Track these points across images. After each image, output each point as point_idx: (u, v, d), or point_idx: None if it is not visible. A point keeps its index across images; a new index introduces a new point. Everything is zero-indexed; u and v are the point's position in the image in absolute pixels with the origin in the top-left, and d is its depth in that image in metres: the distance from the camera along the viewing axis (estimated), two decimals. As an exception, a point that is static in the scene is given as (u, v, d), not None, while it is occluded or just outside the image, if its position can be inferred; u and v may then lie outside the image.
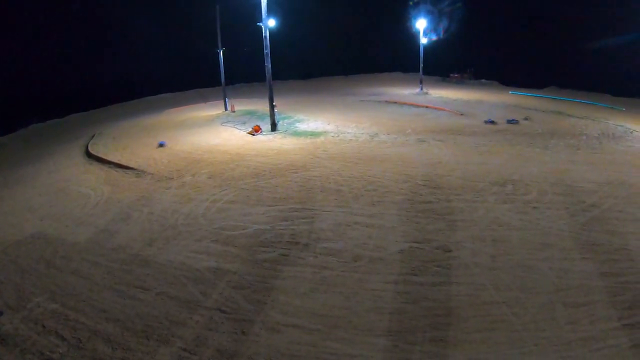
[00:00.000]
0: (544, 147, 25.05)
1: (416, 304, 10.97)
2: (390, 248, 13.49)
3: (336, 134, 28.50)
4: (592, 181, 19.01)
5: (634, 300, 11.04)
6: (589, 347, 9.51)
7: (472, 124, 31.54)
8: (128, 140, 29.98)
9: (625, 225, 15.06)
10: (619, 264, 12.71)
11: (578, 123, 32.78)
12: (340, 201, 16.99)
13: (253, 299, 11.27)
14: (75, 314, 11.06)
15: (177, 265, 13.00)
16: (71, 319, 10.89)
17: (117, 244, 14.70)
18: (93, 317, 10.88)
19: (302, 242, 13.97)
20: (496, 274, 12.17)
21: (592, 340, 9.72)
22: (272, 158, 23.10)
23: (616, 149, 25.38)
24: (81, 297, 11.79)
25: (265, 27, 29.21)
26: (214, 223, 15.57)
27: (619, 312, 10.59)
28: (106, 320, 10.75)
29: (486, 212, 15.92)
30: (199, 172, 21.07)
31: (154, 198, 18.41)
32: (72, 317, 10.95)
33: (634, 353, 9.33)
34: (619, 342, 9.65)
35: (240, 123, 33.86)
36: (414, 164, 21.22)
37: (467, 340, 9.74)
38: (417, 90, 52.65)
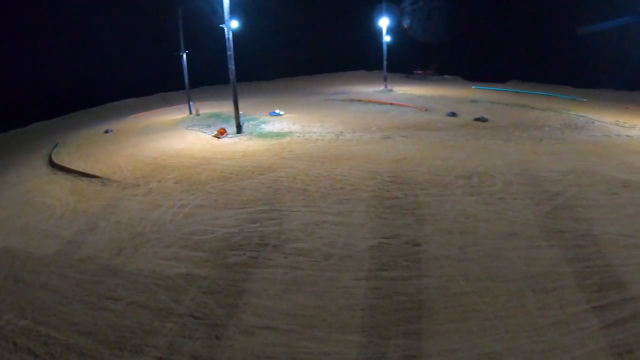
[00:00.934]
0: (507, 139, 25.47)
1: (388, 298, 11.07)
2: (359, 245, 13.58)
3: (302, 134, 28.49)
4: (555, 170, 19.41)
5: (602, 283, 11.39)
6: (560, 331, 9.76)
7: (436, 120, 31.90)
8: (92, 148, 29.50)
9: (589, 211, 15.49)
10: (585, 249, 13.09)
11: (541, 115, 33.43)
12: (308, 201, 17.02)
13: (225, 303, 11.23)
14: (47, 329, 10.86)
15: (147, 273, 12.85)
16: (43, 334, 10.68)
17: (85, 254, 14.46)
18: (65, 332, 10.70)
19: (272, 243, 13.96)
20: (465, 265, 12.37)
21: (563, 324, 9.99)
22: (238, 160, 22.98)
23: (578, 138, 26.00)
24: (51, 311, 11.58)
25: (228, 28, 29.03)
26: (183, 228, 15.45)
27: (588, 296, 10.91)
28: (78, 333, 10.58)
29: (453, 205, 16.13)
30: (166, 178, 20.85)
31: (121, 206, 18.16)
32: (43, 332, 10.75)
33: (605, 334, 9.62)
34: (589, 325, 9.94)
35: (206, 126, 33.58)
36: (380, 161, 21.36)
37: (440, 332, 9.89)
38: (382, 88, 52.98)
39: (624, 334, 9.60)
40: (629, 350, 9.14)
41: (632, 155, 22.14)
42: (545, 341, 9.50)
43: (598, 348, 9.26)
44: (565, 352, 9.19)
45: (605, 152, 22.88)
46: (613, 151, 23.09)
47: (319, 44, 72.82)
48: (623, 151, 23.16)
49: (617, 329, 9.77)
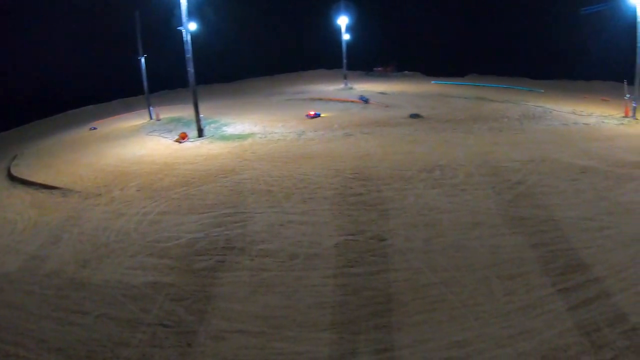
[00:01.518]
0: (467, 131, 25.91)
1: (356, 294, 11.15)
2: (325, 243, 13.65)
3: (264, 135, 28.45)
4: (515, 160, 19.87)
5: (566, 266, 11.73)
6: (527, 315, 9.99)
7: (397, 115, 32.17)
8: (52, 158, 28.91)
9: (550, 198, 15.97)
10: (547, 234, 13.48)
11: (499, 107, 34.14)
12: (272, 202, 17.03)
13: (194, 309, 11.15)
14: (15, 348, 10.55)
15: (114, 284, 12.63)
16: (11, 354, 10.38)
17: (49, 269, 14.10)
18: (34, 350, 10.43)
19: (238, 246, 13.91)
20: (431, 257, 12.57)
21: (530, 308, 10.24)
22: (201, 164, 22.83)
23: (537, 128, 26.65)
24: (18, 329, 11.25)
25: (186, 31, 28.79)
26: (147, 236, 15.25)
27: (553, 279, 11.21)
28: (48, 350, 10.33)
29: (416, 198, 16.34)
30: (128, 186, 20.55)
31: (83, 217, 17.83)
32: (11, 352, 10.44)
33: (571, 315, 9.88)
34: (556, 307, 10.20)
35: (167, 131, 33.19)
36: (343, 158, 21.50)
37: (410, 323, 10.00)
38: (342, 86, 53.22)
39: (591, 313, 9.88)
40: (597, 329, 9.40)
41: (589, 142, 22.80)
42: (513, 326, 9.69)
43: (566, 329, 9.49)
44: (534, 335, 9.39)
45: (564, 140, 23.51)
46: (571, 139, 23.73)
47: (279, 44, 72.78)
48: (580, 139, 23.84)
49: (584, 309, 10.04)
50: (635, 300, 10.30)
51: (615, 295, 10.51)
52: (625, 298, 10.40)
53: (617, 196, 16.17)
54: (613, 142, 23.17)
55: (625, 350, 8.77)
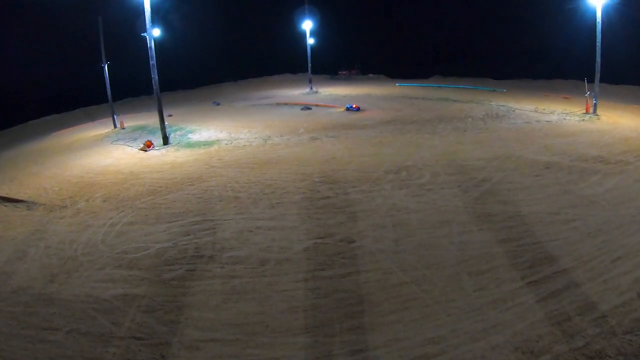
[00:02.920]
0: (432, 132, 26.26)
1: (328, 297, 11.21)
2: (294, 247, 13.69)
3: (229, 141, 28.41)
4: (480, 158, 20.23)
5: (534, 260, 12.05)
6: (499, 309, 10.21)
7: (363, 118, 32.38)
8: (14, 170, 28.33)
9: (515, 194, 16.36)
10: (514, 229, 13.81)
11: (463, 107, 34.65)
12: (240, 208, 17.00)
13: (166, 320, 11.04)
14: (-16, 369, 10.43)
15: (83, 299, 12.40)
16: (-19, 376, 10.26)
17: (16, 285, 13.75)
18: (5, 370, 10.30)
19: (207, 254, 13.83)
20: (401, 257, 12.72)
21: (501, 301, 10.46)
22: (167, 173, 22.66)
23: (500, 126, 27.16)
24: (-14, 349, 11.11)
25: (150, 37, 28.51)
26: (115, 248, 15.03)
27: (522, 272, 11.51)
28: (19, 370, 10.20)
29: (384, 199, 16.51)
30: (93, 197, 20.26)
31: (49, 230, 17.50)
32: (-18, 374, 10.32)
33: (541, 306, 10.15)
34: (526, 300, 10.46)
35: (132, 140, 32.84)
36: (309, 162, 21.61)
37: (383, 323, 10.11)
38: (307, 90, 53.36)
39: (560, 304, 10.16)
40: (567, 318, 9.67)
41: (551, 139, 23.36)
42: (486, 320, 9.89)
43: (537, 320, 9.72)
44: (507, 327, 9.58)
45: (527, 137, 24.05)
46: (534, 136, 24.29)
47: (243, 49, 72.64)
48: (543, 135, 24.42)
49: (553, 300, 10.33)
50: (603, 289, 10.62)
51: (583, 285, 10.82)
52: (593, 287, 10.72)
53: (581, 189, 16.66)
54: (575, 138, 23.79)
55: (596, 337, 9.02)
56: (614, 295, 10.37)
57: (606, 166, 18.83)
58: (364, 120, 31.39)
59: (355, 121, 31.15)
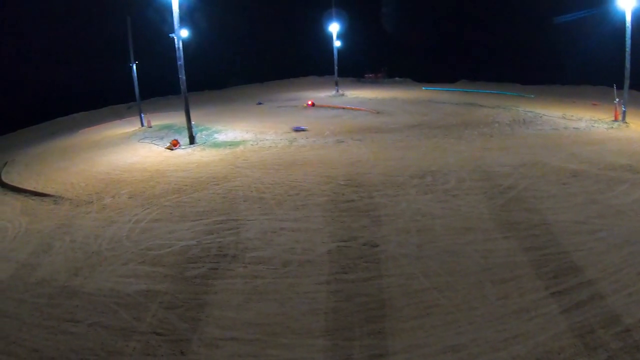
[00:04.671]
0: (459, 137, 26.02)
1: (350, 300, 11.14)
2: (318, 250, 13.64)
3: (255, 142, 28.46)
4: (507, 165, 19.96)
5: (558, 270, 11.78)
6: (521, 319, 10.01)
7: (388, 121, 32.24)
8: (42, 166, 28.77)
9: (541, 202, 16.05)
10: (539, 238, 13.52)
11: (490, 112, 34.28)
12: (264, 209, 17.00)
13: (187, 317, 11.10)
14: (7, 357, 10.47)
15: (106, 293, 12.55)
16: (3, 363, 10.41)
17: (41, 277, 13.99)
18: (26, 359, 10.35)
19: (230, 253, 13.87)
20: (424, 262, 12.56)
21: (524, 311, 10.26)
22: (192, 172, 22.78)
23: (527, 133, 26.80)
24: (10, 338, 11.16)
25: (178, 38, 28.71)
26: (139, 244, 15.18)
27: (546, 282, 11.26)
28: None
29: (408, 204, 16.36)
30: (119, 193, 20.48)
31: (75, 224, 17.74)
32: (4, 361, 10.48)
33: (565, 317, 9.92)
34: (549, 310, 10.23)
35: (158, 138, 33.15)
36: (335, 165, 21.52)
37: (404, 329, 10.00)
38: (333, 92, 53.33)
39: (584, 316, 9.93)
40: (591, 331, 9.45)
41: (579, 147, 22.96)
42: (508, 329, 9.71)
43: (560, 332, 9.52)
44: (529, 338, 9.41)
45: (554, 144, 23.67)
46: (561, 143, 23.91)
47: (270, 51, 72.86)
48: (571, 143, 24.01)
49: (577, 312, 10.09)
50: (628, 302, 10.36)
51: (608, 297, 10.57)
52: (618, 300, 10.46)
53: (608, 199, 16.28)
54: (603, 145, 23.31)
55: (619, 352, 8.82)
56: (638, 308, 10.13)
57: (635, 175, 18.41)
58: (390, 124, 31.25)
59: (381, 125, 31.03)
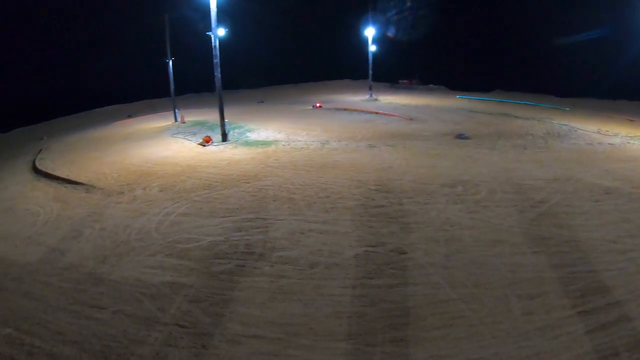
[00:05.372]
0: (491, 148, 25.68)
1: (374, 306, 11.08)
2: (345, 253, 13.57)
3: (287, 143, 28.49)
4: (539, 178, 19.61)
5: (586, 289, 11.52)
6: (546, 336, 9.85)
7: (421, 128, 32.02)
8: (76, 154, 29.29)
9: (573, 218, 15.66)
10: (569, 255, 13.22)
11: (524, 124, 33.81)
12: (294, 209, 16.99)
13: (211, 311, 11.17)
14: (30, 337, 10.72)
15: (132, 282, 12.73)
16: (26, 343, 10.54)
17: (69, 262, 14.28)
18: (49, 340, 10.56)
19: (257, 252, 13.90)
20: (451, 272, 12.42)
21: (549, 329, 10.08)
22: (223, 169, 22.91)
23: (561, 146, 26.31)
24: (35, 320, 11.42)
25: (214, 36, 28.97)
26: (168, 237, 15.32)
27: (573, 301, 11.03)
28: (63, 342, 10.46)
29: (438, 213, 16.18)
30: (150, 185, 20.71)
31: (105, 213, 18.00)
32: (27, 341, 10.61)
33: (590, 338, 9.73)
34: (575, 329, 10.05)
35: (191, 134, 33.47)
36: (366, 170, 21.40)
37: (427, 338, 9.92)
38: (367, 97, 53.28)
39: (610, 337, 9.72)
40: (615, 353, 9.27)
41: (614, 163, 22.46)
42: (531, 346, 9.57)
43: (584, 352, 9.35)
44: (552, 356, 9.27)
45: (588, 160, 23.19)
46: (595, 159, 23.41)
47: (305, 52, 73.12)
48: (605, 159, 23.50)
49: (603, 333, 9.89)
50: (656, 326, 10.11)
51: (635, 320, 10.32)
52: (645, 323, 10.22)
53: (641, 219, 15.89)
54: (638, 163, 22.77)
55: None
56: (666, 334, 9.88)
57: (670, 196, 17.97)
58: (422, 131, 31.04)
59: (414, 131, 30.85)
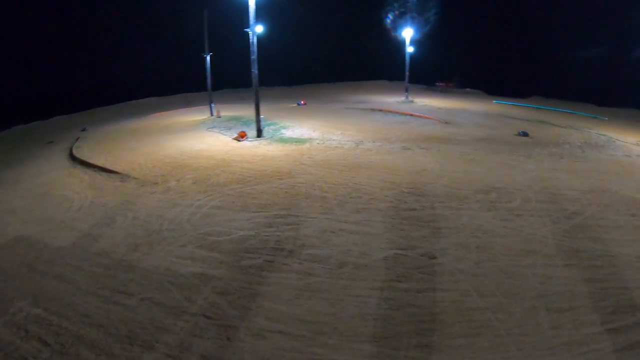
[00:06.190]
0: (527, 155, 25.27)
1: (401, 310, 11.00)
2: (375, 255, 13.50)
3: (322, 141, 28.51)
4: (575, 189, 19.22)
5: (617, 305, 11.22)
6: (572, 352, 9.63)
7: (457, 133, 31.70)
8: (112, 144, 29.79)
9: (607, 232, 15.27)
10: (601, 270, 12.88)
11: (561, 132, 33.20)
12: (325, 208, 16.98)
13: (238, 305, 11.24)
14: (59, 319, 10.97)
15: (162, 271, 12.91)
16: (54, 324, 10.79)
17: (100, 248, 14.58)
18: (76, 322, 10.80)
19: (287, 248, 13.94)
20: (480, 280, 12.24)
21: (576, 344, 9.86)
22: (257, 164, 23.03)
23: (599, 157, 25.74)
24: (64, 301, 11.69)
25: (253, 33, 29.11)
26: (199, 229, 15.48)
27: (602, 317, 10.74)
28: (90, 325, 10.67)
29: (470, 219, 15.99)
30: (184, 177, 20.95)
31: (139, 203, 18.27)
32: (55, 322, 10.86)
33: (618, 357, 9.50)
34: (603, 347, 9.80)
35: (226, 129, 33.78)
36: (399, 172, 21.26)
37: (452, 346, 9.80)
38: (403, 99, 52.97)
39: (637, 357, 9.49)
40: (642, 374, 9.02)
41: (653, 177, 21.90)
42: (557, 361, 9.38)
43: (611, 371, 9.12)
44: (578, 373, 9.06)
45: (626, 172, 22.65)
46: (633, 172, 22.87)
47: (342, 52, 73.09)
48: (644, 172, 22.93)
49: (631, 352, 9.64)
50: (686, 349, 9.82)
51: (666, 342, 10.05)
52: (676, 346, 9.93)
53: (679, 237, 15.44)
54: (679, 178, 22.18)
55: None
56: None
57: None
58: (458, 135, 30.70)
59: (449, 135, 30.52)
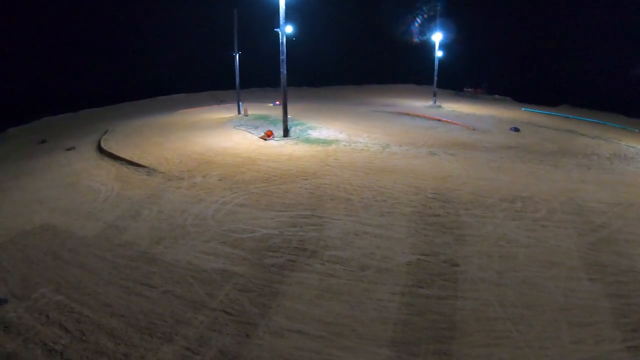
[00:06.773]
0: (554, 165, 24.95)
1: (421, 316, 10.95)
2: (397, 259, 13.46)
3: (348, 143, 28.52)
4: (602, 201, 18.91)
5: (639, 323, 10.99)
6: (592, 368, 9.44)
7: (484, 139, 31.42)
8: (140, 138, 30.15)
9: (634, 247, 14.98)
10: (626, 285, 12.64)
11: (590, 142, 32.67)
12: (350, 210, 16.96)
13: (258, 302, 11.29)
14: (80, 306, 11.14)
15: (184, 265, 13.04)
16: (75, 311, 10.97)
17: (125, 240, 14.78)
18: (97, 311, 10.96)
19: (310, 248, 13.96)
20: (502, 290, 12.12)
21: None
22: (283, 164, 23.12)
23: (627, 170, 25.26)
24: (86, 290, 11.88)
25: (282, 33, 29.24)
26: (223, 225, 15.59)
27: (624, 334, 10.55)
28: (110, 314, 10.82)
29: (494, 228, 15.85)
30: (210, 174, 21.12)
31: (164, 197, 18.47)
32: (76, 309, 11.03)
33: (637, 375, 9.28)
34: (622, 364, 9.59)
35: (253, 127, 33.98)
36: (425, 177, 21.17)
37: (471, 355, 9.72)
38: (430, 103, 52.76)
39: (657, 377, 9.28)
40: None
41: (682, 192, 21.44)
42: (575, 377, 9.22)
43: (628, 389, 8.96)
44: (596, 390, 8.92)
45: (654, 186, 22.21)
46: (662, 186, 22.40)
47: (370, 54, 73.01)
48: (673, 187, 22.45)
49: (650, 371, 9.43)
50: None
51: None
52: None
53: None
54: None
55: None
56: None
57: None
58: (484, 142, 30.44)
59: (476, 142, 30.28)
